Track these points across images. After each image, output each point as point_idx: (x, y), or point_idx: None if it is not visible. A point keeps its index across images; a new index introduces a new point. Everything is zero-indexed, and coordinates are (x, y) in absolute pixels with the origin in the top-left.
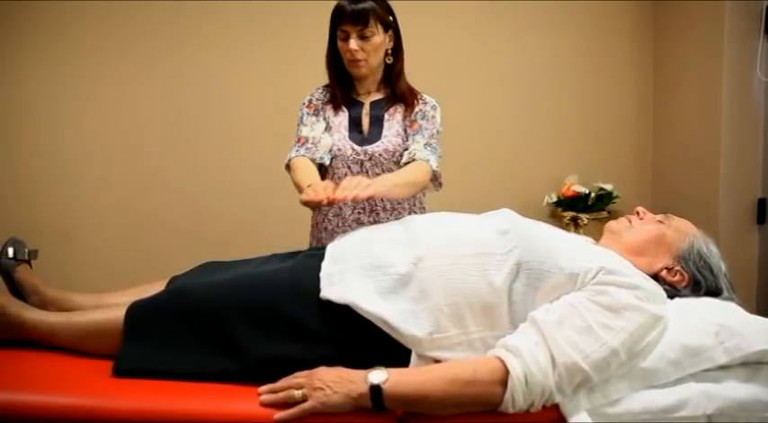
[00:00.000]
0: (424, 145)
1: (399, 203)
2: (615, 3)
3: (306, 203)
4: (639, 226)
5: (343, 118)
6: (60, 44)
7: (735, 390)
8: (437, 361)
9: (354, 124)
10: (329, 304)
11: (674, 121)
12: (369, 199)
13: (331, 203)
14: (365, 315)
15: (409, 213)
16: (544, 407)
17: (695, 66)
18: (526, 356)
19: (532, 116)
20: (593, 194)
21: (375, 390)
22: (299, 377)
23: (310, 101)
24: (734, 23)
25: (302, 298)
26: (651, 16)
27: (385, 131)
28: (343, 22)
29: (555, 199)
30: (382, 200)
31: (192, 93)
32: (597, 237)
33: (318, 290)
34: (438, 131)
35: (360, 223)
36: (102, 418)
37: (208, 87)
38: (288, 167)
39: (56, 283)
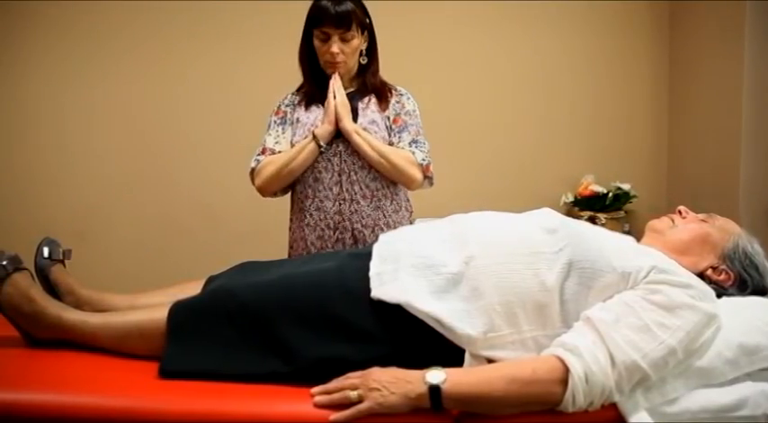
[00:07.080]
0: (410, 142)
1: (377, 190)
2: (631, 2)
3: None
4: (683, 225)
5: (317, 113)
6: (67, 43)
7: None
8: (490, 361)
9: None
10: (379, 304)
11: (691, 121)
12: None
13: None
14: (418, 315)
15: (391, 203)
16: (602, 406)
17: (713, 65)
18: (586, 355)
19: (548, 116)
20: (610, 194)
21: (434, 390)
22: (352, 378)
23: (279, 107)
24: (755, 23)
25: (352, 298)
26: (667, 15)
27: (360, 119)
28: (324, 23)
29: (571, 199)
30: (361, 188)
31: (203, 92)
32: None
33: (368, 290)
34: (421, 126)
35: (341, 215)
36: (152, 419)
37: (219, 87)
38: (252, 175)
39: None
